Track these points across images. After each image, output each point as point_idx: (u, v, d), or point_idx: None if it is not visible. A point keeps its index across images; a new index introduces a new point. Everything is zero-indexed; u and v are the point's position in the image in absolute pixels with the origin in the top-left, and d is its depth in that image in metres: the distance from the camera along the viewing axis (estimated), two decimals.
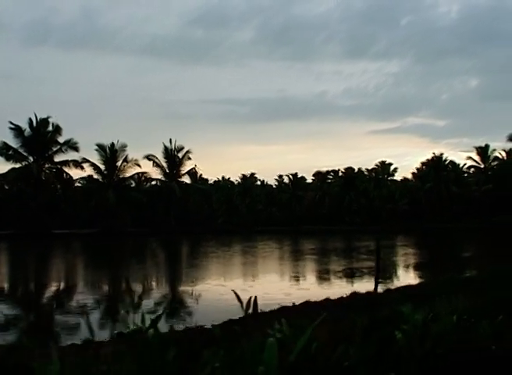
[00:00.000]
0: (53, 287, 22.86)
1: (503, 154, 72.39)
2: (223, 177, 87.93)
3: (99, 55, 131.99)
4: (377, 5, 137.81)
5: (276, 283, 21.77)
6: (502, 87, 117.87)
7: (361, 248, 38.60)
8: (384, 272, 22.36)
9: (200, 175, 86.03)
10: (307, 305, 13.37)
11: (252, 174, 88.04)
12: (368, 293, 13.00)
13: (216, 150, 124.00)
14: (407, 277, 22.86)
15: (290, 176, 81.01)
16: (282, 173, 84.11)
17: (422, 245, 46.20)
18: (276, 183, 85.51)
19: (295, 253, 38.21)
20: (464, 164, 75.12)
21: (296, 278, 23.73)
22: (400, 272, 25.54)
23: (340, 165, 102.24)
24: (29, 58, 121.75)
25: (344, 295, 14.57)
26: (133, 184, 65.25)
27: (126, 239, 52.67)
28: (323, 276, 24.79)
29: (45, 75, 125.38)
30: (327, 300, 14.10)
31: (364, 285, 17.47)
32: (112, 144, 61.67)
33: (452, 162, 74.34)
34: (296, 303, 13.79)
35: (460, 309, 6.07)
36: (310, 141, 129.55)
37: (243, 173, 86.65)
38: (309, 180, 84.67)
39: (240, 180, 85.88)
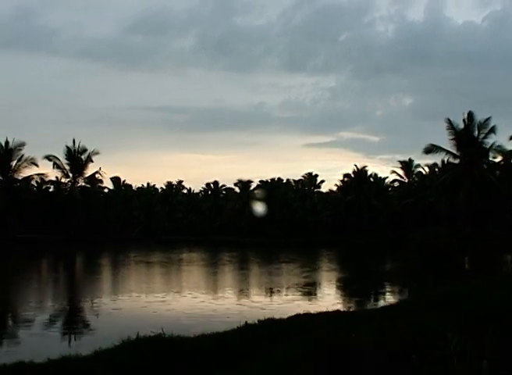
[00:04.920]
0: None
1: (426, 169, 71.83)
2: (148, 184, 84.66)
3: (34, 56, 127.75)
4: (316, 21, 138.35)
5: None
6: (434, 107, 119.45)
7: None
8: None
9: (124, 181, 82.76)
10: None
11: (180, 182, 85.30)
12: None
13: (149, 157, 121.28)
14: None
15: (212, 185, 78.48)
16: (210, 182, 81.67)
17: (332, 260, 43.58)
18: (203, 191, 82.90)
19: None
20: (387, 177, 75.10)
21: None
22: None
23: (273, 176, 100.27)
24: None
25: None
26: (29, 186, 60.72)
27: (9, 247, 48.58)
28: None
29: None
30: None
31: None
32: (7, 142, 57.43)
33: (375, 176, 73.20)
34: None
35: None
36: (246, 152, 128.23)
37: (169, 180, 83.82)
38: (237, 189, 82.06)
39: (164, 187, 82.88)
